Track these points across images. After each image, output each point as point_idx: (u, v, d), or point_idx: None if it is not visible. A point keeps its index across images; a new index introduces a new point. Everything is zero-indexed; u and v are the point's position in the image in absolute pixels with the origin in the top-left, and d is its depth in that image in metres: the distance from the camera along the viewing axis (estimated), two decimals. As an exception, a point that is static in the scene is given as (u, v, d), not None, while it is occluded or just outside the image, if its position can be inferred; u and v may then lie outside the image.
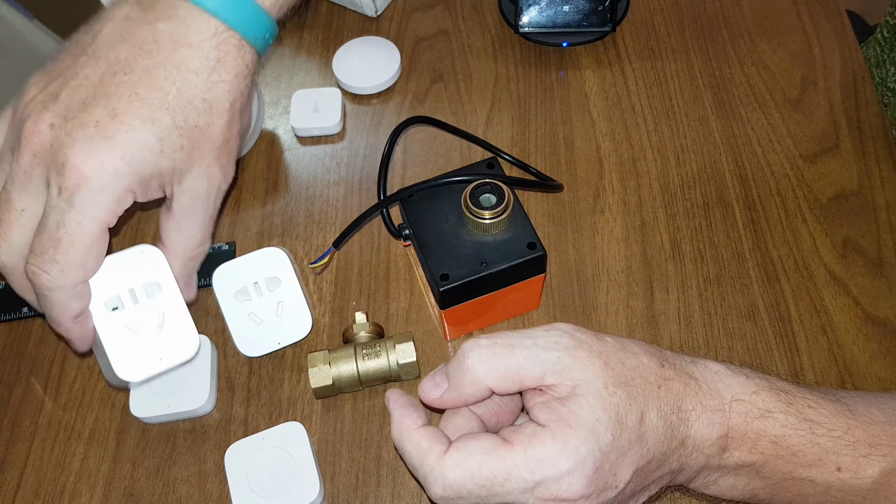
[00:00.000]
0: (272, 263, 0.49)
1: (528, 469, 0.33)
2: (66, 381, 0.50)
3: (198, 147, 0.39)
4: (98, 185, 0.37)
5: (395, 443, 0.36)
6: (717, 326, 0.50)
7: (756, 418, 0.36)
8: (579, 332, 0.36)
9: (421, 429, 0.35)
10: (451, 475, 0.33)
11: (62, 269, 0.38)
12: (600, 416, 0.33)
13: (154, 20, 0.39)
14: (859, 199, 0.55)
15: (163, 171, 0.39)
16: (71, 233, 0.37)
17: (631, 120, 0.60)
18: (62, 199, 0.37)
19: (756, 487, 0.37)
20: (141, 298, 0.41)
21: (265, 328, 0.48)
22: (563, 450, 0.33)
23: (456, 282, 0.44)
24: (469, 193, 0.45)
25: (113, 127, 0.37)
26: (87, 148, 0.36)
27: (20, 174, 0.38)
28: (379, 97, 0.62)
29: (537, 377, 0.35)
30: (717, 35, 0.65)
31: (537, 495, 0.33)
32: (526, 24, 0.63)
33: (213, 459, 0.46)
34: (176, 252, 0.43)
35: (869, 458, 0.36)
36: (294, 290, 0.49)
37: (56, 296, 0.38)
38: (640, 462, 0.34)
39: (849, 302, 0.50)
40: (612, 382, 0.34)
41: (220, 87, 0.40)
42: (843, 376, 0.48)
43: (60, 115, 0.37)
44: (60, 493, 0.46)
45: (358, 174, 0.58)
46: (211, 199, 0.42)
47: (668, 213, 0.55)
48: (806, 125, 0.59)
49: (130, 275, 0.41)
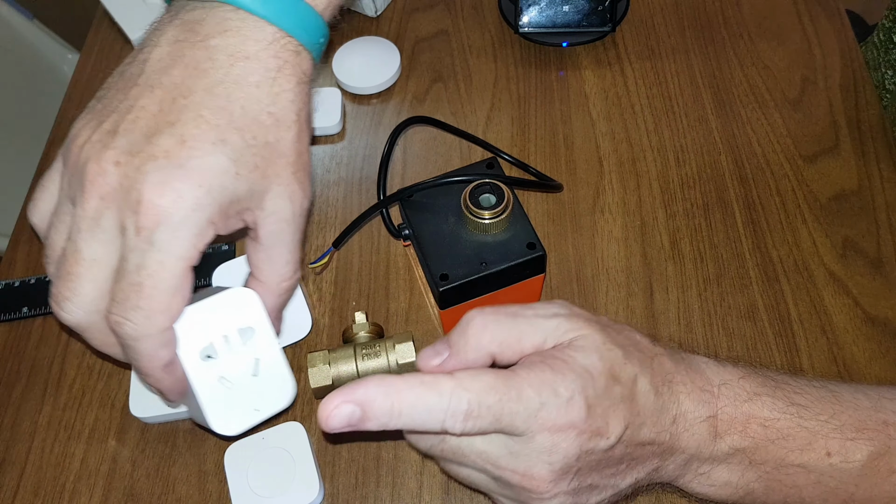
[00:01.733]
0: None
1: (533, 389, 0.33)
2: (65, 381, 0.50)
3: (272, 165, 0.37)
4: (178, 218, 0.34)
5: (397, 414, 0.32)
6: (717, 326, 0.50)
7: (745, 401, 0.36)
8: (575, 307, 0.37)
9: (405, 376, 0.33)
10: (472, 386, 0.32)
11: (147, 316, 0.34)
12: (595, 362, 0.34)
13: (206, 37, 0.36)
14: (859, 199, 0.55)
15: (241, 195, 0.36)
16: (153, 275, 0.34)
17: (631, 120, 0.60)
18: (141, 240, 0.34)
19: (750, 480, 0.37)
20: (235, 345, 0.38)
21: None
22: (562, 379, 0.33)
23: (456, 282, 0.44)
24: (469, 193, 0.45)
25: (184, 154, 0.34)
26: (161, 180, 0.33)
27: (87, 220, 0.35)
28: (379, 97, 0.62)
29: (538, 344, 0.35)
30: (717, 35, 0.65)
31: (540, 420, 0.33)
32: (526, 24, 0.63)
33: (213, 459, 0.46)
34: (270, 285, 0.39)
35: (856, 442, 0.36)
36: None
37: (143, 345, 0.35)
38: (633, 420, 0.34)
39: (849, 302, 0.50)
40: (609, 340, 0.35)
41: (284, 98, 0.37)
42: (842, 376, 0.48)
43: (125, 152, 0.34)
44: (60, 493, 0.46)
45: (358, 174, 0.58)
46: (296, 219, 0.39)
47: (668, 213, 0.55)
48: (806, 125, 0.59)
49: (224, 320, 0.38)
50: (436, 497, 0.45)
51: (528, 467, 0.34)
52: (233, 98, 0.36)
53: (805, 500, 0.37)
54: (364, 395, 0.32)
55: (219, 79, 0.36)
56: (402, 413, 0.32)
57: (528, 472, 0.34)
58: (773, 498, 0.38)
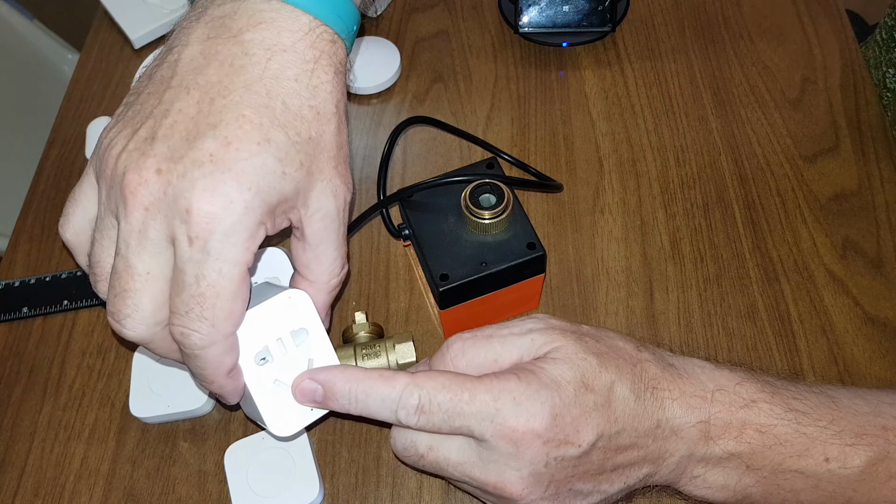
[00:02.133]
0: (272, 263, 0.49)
1: (491, 395, 0.34)
2: (65, 381, 0.50)
3: (315, 161, 0.36)
4: (230, 224, 0.33)
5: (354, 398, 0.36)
6: (717, 326, 0.50)
7: (740, 407, 0.36)
8: (552, 319, 0.38)
9: (370, 369, 0.37)
10: (425, 384, 0.35)
11: (213, 325, 0.34)
12: (565, 372, 0.35)
13: (239, 32, 0.35)
14: (859, 199, 0.55)
15: (288, 194, 0.35)
16: (214, 284, 0.33)
17: (631, 120, 0.60)
18: (195, 250, 0.33)
19: (748, 485, 0.37)
20: (289, 347, 0.38)
21: None
22: (525, 389, 0.34)
23: (456, 282, 0.44)
24: (469, 193, 0.45)
25: (230, 156, 0.33)
26: (210, 186, 0.32)
27: (134, 234, 0.33)
28: (379, 97, 0.62)
29: (514, 361, 0.37)
30: (717, 35, 0.65)
31: (495, 426, 0.34)
32: (526, 24, 0.63)
33: (213, 459, 0.46)
34: (320, 283, 0.39)
35: (855, 448, 0.36)
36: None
37: (209, 353, 0.35)
38: (607, 428, 0.35)
39: (849, 302, 0.50)
40: (583, 350, 0.36)
41: (323, 91, 0.36)
42: (842, 376, 0.48)
43: (166, 158, 0.33)
44: (60, 493, 0.46)
45: (358, 174, 0.58)
46: (340, 215, 0.38)
47: (668, 213, 0.55)
48: (806, 125, 0.59)
49: (277, 323, 0.38)
50: (436, 497, 0.45)
51: (499, 474, 0.35)
52: (273, 94, 0.34)
53: (803, 503, 0.37)
54: (326, 377, 0.37)
55: (257, 75, 0.34)
56: (359, 399, 0.36)
57: (499, 480, 0.35)
58: (771, 501, 0.38)
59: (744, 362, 0.48)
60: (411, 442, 0.37)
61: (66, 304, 0.53)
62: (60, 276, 0.54)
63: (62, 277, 0.54)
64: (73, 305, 0.53)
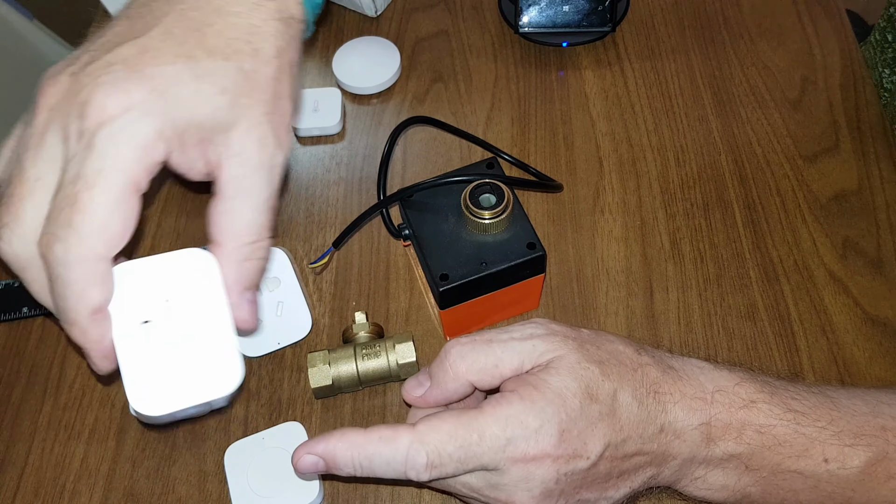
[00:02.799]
0: (272, 263, 0.49)
1: (499, 426, 0.33)
2: (65, 381, 0.50)
3: (243, 95, 0.33)
4: (123, 122, 0.30)
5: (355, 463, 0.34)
6: (717, 326, 0.50)
7: (740, 408, 0.36)
8: (553, 324, 0.38)
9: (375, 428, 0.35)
10: (430, 439, 0.33)
11: (80, 236, 0.29)
12: (569, 384, 0.34)
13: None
14: (859, 199, 0.55)
15: (201, 119, 0.32)
16: (91, 185, 0.29)
17: (631, 120, 0.60)
18: (81, 146, 0.30)
19: (747, 485, 0.37)
20: (179, 313, 0.33)
21: (265, 328, 0.48)
22: (531, 409, 0.34)
23: (456, 282, 0.44)
24: (469, 193, 0.45)
25: (143, 61, 0.31)
26: (111, 81, 0.30)
27: (34, 137, 0.31)
28: (379, 97, 0.62)
29: (515, 367, 0.36)
30: (717, 35, 0.65)
31: (508, 455, 0.33)
32: (526, 24, 0.63)
33: (213, 459, 0.46)
34: (227, 245, 0.34)
35: (854, 448, 0.36)
36: (294, 290, 0.49)
37: (72, 274, 0.30)
38: (613, 437, 0.34)
39: (849, 302, 0.50)
40: (585, 359, 0.35)
41: (263, 31, 0.34)
42: (842, 376, 0.48)
43: (82, 64, 0.32)
44: (60, 493, 0.46)
45: (358, 174, 0.58)
46: (266, 170, 0.34)
47: (668, 213, 0.55)
48: (806, 125, 0.59)
49: (170, 283, 0.33)
50: (436, 497, 0.45)
51: (509, 496, 0.34)
52: (208, 22, 0.33)
53: (802, 503, 0.37)
54: (325, 449, 0.34)
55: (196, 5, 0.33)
56: (363, 466, 0.34)
57: (509, 501, 0.34)
58: (770, 501, 0.38)
59: (743, 362, 0.48)
60: None
61: (66, 304, 0.53)
62: (60, 276, 0.54)
63: (62, 277, 0.54)
64: (73, 305, 0.53)
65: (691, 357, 0.39)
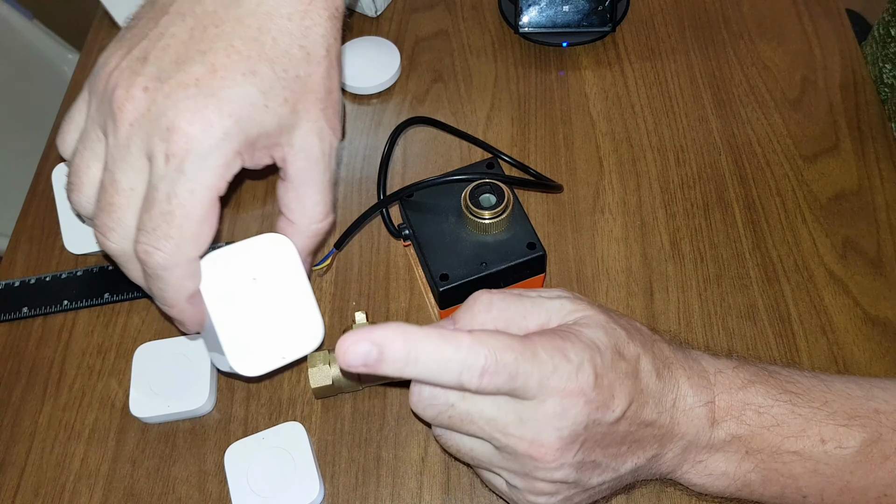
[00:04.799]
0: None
1: (547, 352, 0.32)
2: (65, 381, 0.50)
3: (302, 99, 0.37)
4: (207, 147, 0.34)
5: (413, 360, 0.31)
6: (717, 326, 0.50)
7: (739, 388, 0.37)
8: (577, 295, 0.38)
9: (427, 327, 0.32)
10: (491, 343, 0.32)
11: (177, 245, 0.35)
12: (601, 337, 0.34)
13: None
14: (859, 199, 0.55)
15: (269, 129, 0.36)
16: (184, 204, 0.34)
17: (631, 120, 0.60)
18: (171, 168, 0.34)
19: (747, 471, 0.37)
20: (265, 288, 0.39)
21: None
22: (572, 346, 0.33)
23: (456, 282, 0.44)
24: (469, 193, 0.45)
25: (215, 83, 0.34)
26: (192, 108, 0.34)
27: (120, 149, 0.35)
28: (379, 97, 0.62)
29: (542, 322, 0.36)
30: (717, 35, 0.65)
31: (552, 384, 0.32)
32: (526, 24, 0.63)
33: (213, 459, 0.46)
34: (301, 225, 0.40)
35: (849, 428, 0.37)
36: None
37: (171, 275, 0.35)
38: (638, 397, 0.35)
39: (849, 302, 0.50)
40: (612, 321, 0.36)
41: (315, 32, 0.37)
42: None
43: (154, 78, 0.35)
44: (60, 493, 0.46)
45: (358, 174, 0.58)
46: (326, 158, 0.39)
47: (668, 213, 0.55)
48: (806, 125, 0.59)
49: (255, 263, 0.39)
50: (436, 497, 0.45)
51: (537, 433, 0.33)
52: (264, 29, 0.36)
53: (802, 489, 0.37)
54: (382, 337, 0.31)
55: (250, 9, 0.36)
56: (419, 360, 0.31)
57: (536, 439, 0.33)
58: (771, 489, 0.38)
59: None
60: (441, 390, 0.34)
61: (66, 304, 0.53)
62: (60, 276, 0.54)
63: (62, 277, 0.54)
64: (73, 305, 0.53)
65: (689, 347, 0.40)
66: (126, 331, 0.52)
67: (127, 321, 0.52)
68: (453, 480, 0.45)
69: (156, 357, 0.49)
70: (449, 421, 0.34)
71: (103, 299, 0.53)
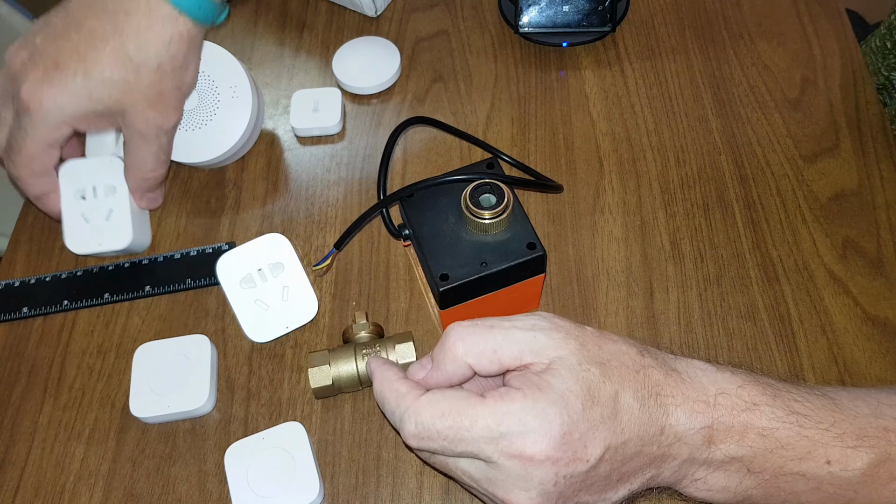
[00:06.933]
0: (274, 249, 0.50)
1: (494, 419, 0.34)
2: (66, 381, 0.50)
3: (128, 96, 0.48)
4: (38, 116, 0.48)
5: (377, 395, 0.38)
6: (717, 326, 0.50)
7: (742, 411, 0.36)
8: (557, 318, 0.38)
9: (401, 380, 0.38)
10: (424, 413, 0.35)
11: (15, 166, 0.51)
12: (571, 386, 0.34)
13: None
14: (859, 198, 0.55)
15: (97, 110, 0.49)
16: (19, 144, 0.49)
17: (631, 120, 0.60)
18: (16, 118, 0.49)
19: (749, 487, 0.37)
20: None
21: (272, 313, 0.49)
22: (532, 408, 0.34)
23: (456, 282, 0.44)
24: (469, 193, 0.45)
25: (54, 75, 0.47)
26: (34, 87, 0.47)
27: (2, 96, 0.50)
28: (379, 97, 0.62)
29: (515, 356, 0.36)
30: (717, 35, 0.65)
31: (501, 448, 0.34)
32: (526, 24, 0.63)
33: (213, 459, 0.46)
34: (129, 171, 0.53)
35: (857, 450, 0.36)
36: (298, 274, 0.50)
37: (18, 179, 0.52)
38: (614, 440, 0.34)
39: (849, 302, 0.50)
40: (586, 360, 0.36)
41: (147, 51, 0.48)
42: (842, 376, 0.48)
43: (29, 54, 0.48)
44: (60, 493, 0.46)
45: (358, 174, 0.58)
46: (151, 135, 0.51)
47: (668, 213, 0.55)
48: (806, 125, 0.59)
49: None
50: (436, 497, 0.45)
51: (506, 493, 0.35)
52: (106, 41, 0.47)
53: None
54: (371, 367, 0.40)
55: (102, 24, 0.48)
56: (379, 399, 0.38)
57: (507, 498, 0.35)
58: (772, 503, 0.37)
59: (743, 362, 0.48)
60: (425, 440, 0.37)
61: (66, 304, 0.53)
62: (60, 276, 0.54)
63: (62, 277, 0.54)
64: (73, 305, 0.53)
65: (693, 359, 0.38)
66: (126, 331, 0.52)
67: (127, 321, 0.52)
68: (453, 481, 0.45)
69: (156, 357, 0.49)
70: (433, 462, 0.38)
71: (103, 299, 0.53)
